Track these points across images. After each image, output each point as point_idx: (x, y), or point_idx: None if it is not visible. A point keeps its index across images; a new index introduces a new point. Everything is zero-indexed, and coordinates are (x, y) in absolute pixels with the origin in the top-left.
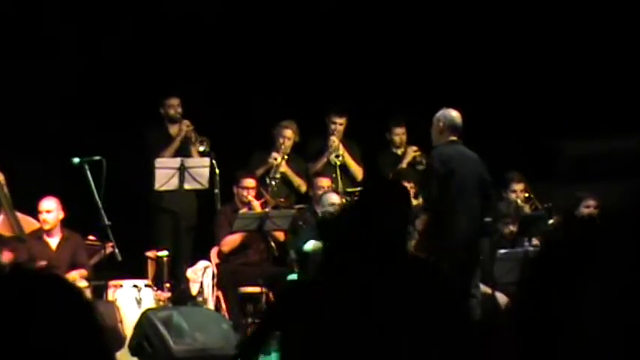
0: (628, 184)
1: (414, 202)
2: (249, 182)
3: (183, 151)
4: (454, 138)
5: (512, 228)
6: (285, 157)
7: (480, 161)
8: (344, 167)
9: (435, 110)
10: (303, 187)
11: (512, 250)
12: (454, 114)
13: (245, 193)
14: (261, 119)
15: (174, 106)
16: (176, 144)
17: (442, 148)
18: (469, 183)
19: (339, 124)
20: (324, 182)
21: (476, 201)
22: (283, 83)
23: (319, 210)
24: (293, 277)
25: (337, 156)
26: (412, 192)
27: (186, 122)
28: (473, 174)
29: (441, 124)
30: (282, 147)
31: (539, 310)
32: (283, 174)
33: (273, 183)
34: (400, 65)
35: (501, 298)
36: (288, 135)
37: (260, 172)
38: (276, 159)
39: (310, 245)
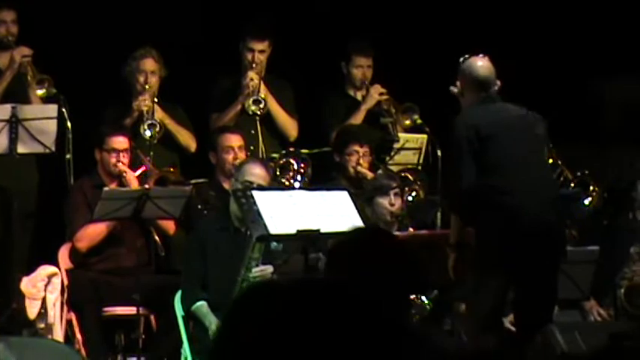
0: None
1: (369, 175)
2: (120, 142)
3: (16, 95)
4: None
5: None
6: (155, 99)
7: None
8: (267, 119)
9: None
10: (193, 144)
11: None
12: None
13: (114, 159)
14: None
15: (5, 22)
16: (5, 82)
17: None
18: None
19: (258, 51)
20: (235, 141)
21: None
22: None
23: (229, 185)
24: None
25: (257, 101)
26: (366, 161)
27: (23, 49)
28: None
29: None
30: (147, 87)
31: None
32: (161, 125)
33: (149, 133)
34: None
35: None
36: (150, 67)
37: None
38: (145, 100)
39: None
